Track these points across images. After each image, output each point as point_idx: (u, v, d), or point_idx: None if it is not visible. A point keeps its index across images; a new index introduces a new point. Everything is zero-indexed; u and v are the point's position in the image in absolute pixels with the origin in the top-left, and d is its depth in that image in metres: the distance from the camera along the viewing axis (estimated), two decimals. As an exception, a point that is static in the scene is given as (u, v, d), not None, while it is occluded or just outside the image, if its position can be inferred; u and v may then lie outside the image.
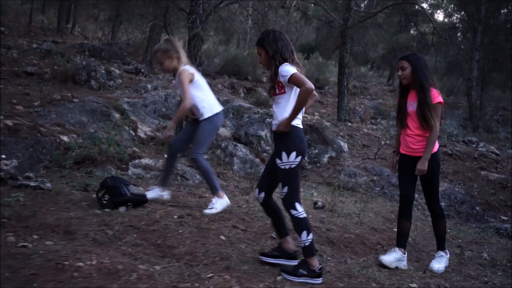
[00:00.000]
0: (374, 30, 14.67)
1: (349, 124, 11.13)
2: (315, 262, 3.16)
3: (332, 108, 13.65)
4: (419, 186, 3.97)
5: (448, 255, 4.04)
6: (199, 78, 4.42)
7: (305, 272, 3.11)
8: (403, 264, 3.80)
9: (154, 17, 11.10)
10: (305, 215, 3.17)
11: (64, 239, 3.15)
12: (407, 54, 3.89)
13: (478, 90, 15.59)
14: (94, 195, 4.20)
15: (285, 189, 3.14)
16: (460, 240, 5.09)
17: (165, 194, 4.52)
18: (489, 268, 4.29)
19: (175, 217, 3.99)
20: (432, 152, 3.71)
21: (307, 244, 3.13)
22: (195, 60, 7.01)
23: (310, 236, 3.13)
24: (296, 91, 3.10)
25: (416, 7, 15.58)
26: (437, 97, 3.67)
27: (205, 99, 4.39)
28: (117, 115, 7.19)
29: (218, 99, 9.72)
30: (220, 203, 4.35)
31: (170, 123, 4.55)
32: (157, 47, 4.45)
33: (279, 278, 3.09)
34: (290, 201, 3.15)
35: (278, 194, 3.25)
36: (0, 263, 2.56)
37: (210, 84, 4.72)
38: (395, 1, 13.13)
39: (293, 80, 3.03)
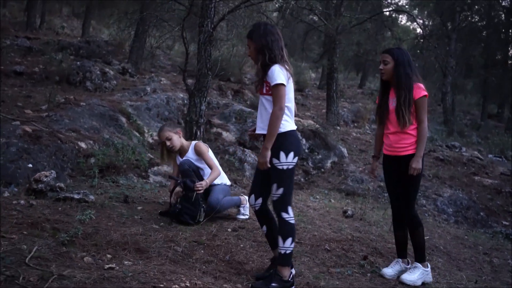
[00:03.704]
0: (355, 36, 14.92)
1: (338, 128, 11.30)
2: (287, 272, 2.97)
3: (316, 111, 13.80)
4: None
5: (429, 269, 3.67)
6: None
7: (279, 286, 2.91)
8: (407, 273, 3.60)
9: (141, 13, 10.83)
10: (294, 221, 3.01)
11: (139, 258, 3.05)
12: (392, 48, 3.63)
13: (451, 95, 16.22)
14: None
15: (280, 191, 2.94)
16: (481, 247, 5.28)
17: None
18: (519, 275, 4.49)
19: (229, 230, 3.94)
20: None
21: (288, 252, 2.95)
22: (206, 65, 6.90)
23: (293, 244, 2.99)
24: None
25: (392, 14, 16.09)
26: (421, 91, 3.45)
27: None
28: (123, 119, 6.98)
29: (217, 103, 9.64)
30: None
31: (204, 182, 4.13)
32: (162, 127, 4.45)
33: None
34: (284, 203, 2.96)
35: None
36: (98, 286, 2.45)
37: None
38: (376, 9, 13.51)
39: (274, 92, 2.90)
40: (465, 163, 9.30)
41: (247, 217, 4.39)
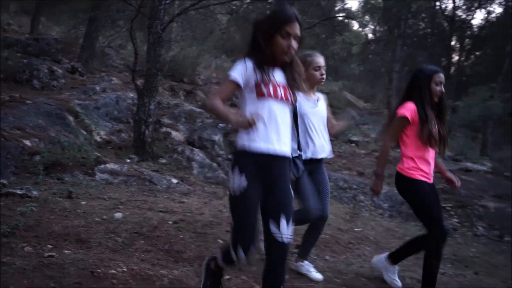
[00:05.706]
0: (305, 40, 15.35)
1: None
2: None
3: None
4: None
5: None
6: None
7: None
8: None
9: (92, 11, 10.80)
10: None
11: (80, 247, 3.20)
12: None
13: (396, 99, 17.01)
14: None
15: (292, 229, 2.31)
16: (408, 238, 5.70)
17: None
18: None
19: (170, 222, 4.14)
20: None
21: None
22: (155, 66, 7.05)
23: None
24: None
25: (344, 19, 16.73)
26: None
27: None
28: (71, 118, 7.01)
29: (168, 103, 9.72)
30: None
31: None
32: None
33: (287, 277, 3.38)
34: None
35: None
36: (39, 273, 2.60)
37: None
38: (326, 14, 14.05)
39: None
40: (404, 162, 9.87)
41: None
